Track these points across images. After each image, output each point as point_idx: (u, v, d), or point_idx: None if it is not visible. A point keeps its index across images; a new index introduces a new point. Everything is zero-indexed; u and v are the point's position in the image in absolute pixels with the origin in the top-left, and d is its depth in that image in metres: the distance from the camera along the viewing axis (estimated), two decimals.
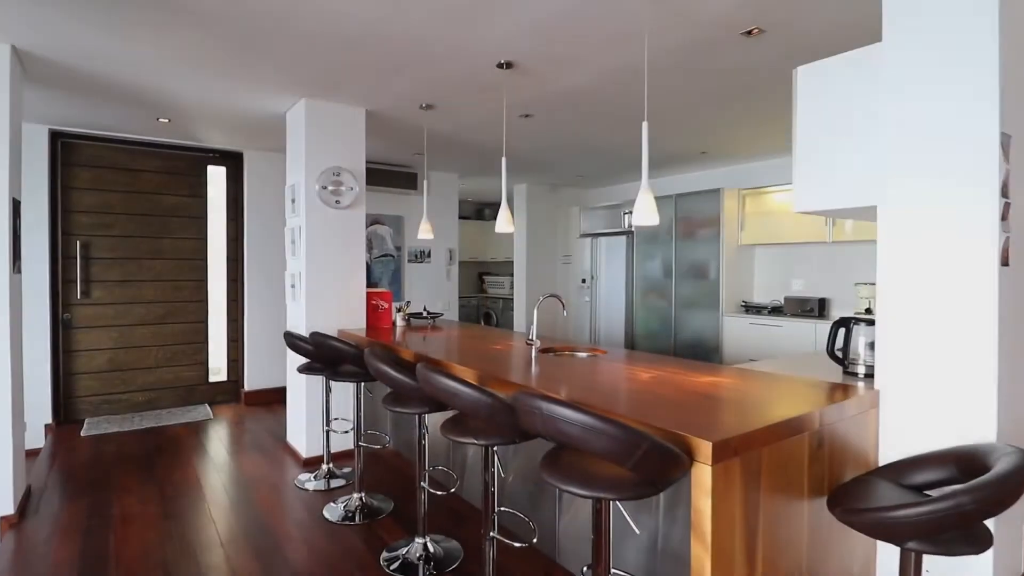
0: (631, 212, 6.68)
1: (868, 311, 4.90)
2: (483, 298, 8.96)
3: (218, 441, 4.18)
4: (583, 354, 2.98)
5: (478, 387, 1.78)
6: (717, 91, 3.44)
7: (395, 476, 3.51)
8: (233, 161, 5.30)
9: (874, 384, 1.98)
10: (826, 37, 2.65)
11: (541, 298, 2.72)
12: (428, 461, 2.50)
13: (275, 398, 5.33)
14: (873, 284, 4.97)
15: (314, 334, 2.96)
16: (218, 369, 5.41)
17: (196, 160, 5.13)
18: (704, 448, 1.37)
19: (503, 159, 2.93)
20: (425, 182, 3.69)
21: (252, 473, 3.56)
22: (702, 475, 1.39)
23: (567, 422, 1.35)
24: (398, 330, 3.86)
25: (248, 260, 5.22)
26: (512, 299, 8.25)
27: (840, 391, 1.92)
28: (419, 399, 2.30)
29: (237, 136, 4.72)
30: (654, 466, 1.35)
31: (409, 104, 3.74)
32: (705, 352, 5.57)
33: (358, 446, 3.01)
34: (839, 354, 2.34)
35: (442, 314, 4.34)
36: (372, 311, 4.02)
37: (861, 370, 2.26)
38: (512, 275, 8.72)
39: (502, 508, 2.38)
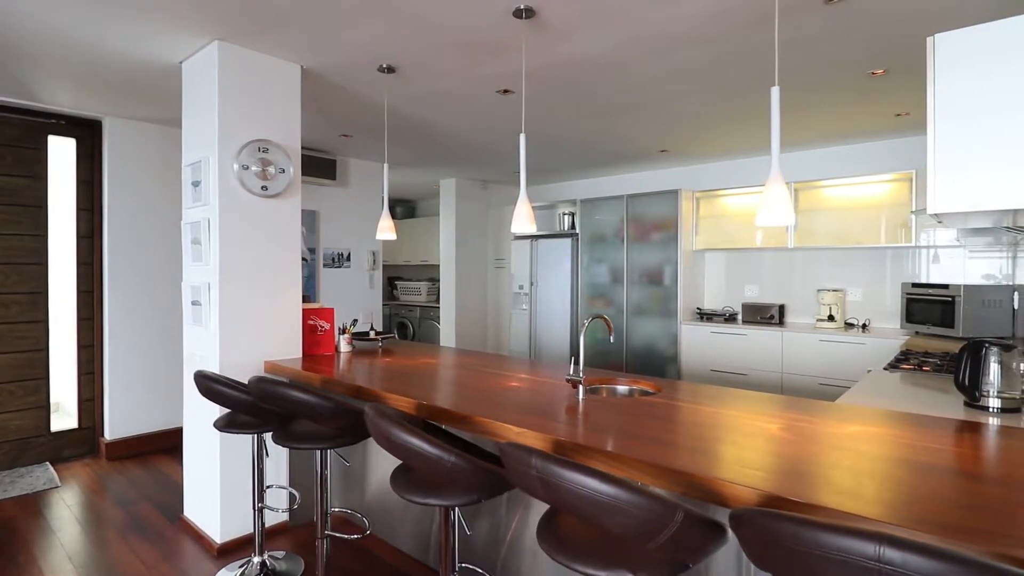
0: (570, 213, 6.23)
1: (831, 318, 4.86)
2: (396, 306, 8.00)
3: (72, 523, 2.94)
4: (623, 387, 2.35)
5: (664, 500, 1.07)
6: (729, 79, 3.00)
7: (368, 568, 2.60)
8: (87, 131, 3.93)
9: None
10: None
11: (586, 321, 2.05)
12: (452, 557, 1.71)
13: (152, 447, 4.05)
14: (837, 291, 4.99)
15: (259, 381, 2.00)
16: (60, 406, 4.04)
17: (30, 127, 3.72)
18: None
19: (522, 135, 2.21)
20: (385, 166, 2.84)
21: None
22: None
23: None
24: (343, 358, 2.96)
25: (109, 264, 3.90)
26: (431, 307, 7.42)
27: None
28: (466, 483, 1.52)
29: (94, 95, 3.44)
30: None
31: (365, 64, 2.85)
32: (661, 363, 5.22)
33: (323, 536, 2.11)
34: (966, 383, 1.96)
35: (393, 335, 3.47)
36: (309, 334, 3.06)
37: (994, 403, 1.89)
38: (428, 280, 7.86)
39: None
